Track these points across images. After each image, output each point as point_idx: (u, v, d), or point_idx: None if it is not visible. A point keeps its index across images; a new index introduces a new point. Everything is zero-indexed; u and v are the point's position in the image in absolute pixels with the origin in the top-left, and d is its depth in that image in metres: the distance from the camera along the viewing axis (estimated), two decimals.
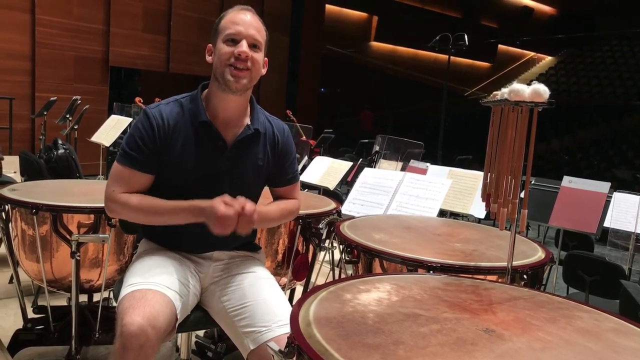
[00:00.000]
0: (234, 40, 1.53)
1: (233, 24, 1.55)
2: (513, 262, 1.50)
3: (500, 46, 21.79)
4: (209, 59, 1.61)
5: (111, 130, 5.21)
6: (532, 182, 3.39)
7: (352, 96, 16.63)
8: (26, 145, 7.89)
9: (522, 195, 1.51)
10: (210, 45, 1.61)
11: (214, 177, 1.59)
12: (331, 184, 3.93)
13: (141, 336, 1.30)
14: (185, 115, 1.59)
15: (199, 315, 1.62)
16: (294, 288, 2.51)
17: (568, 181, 3.14)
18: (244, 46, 1.52)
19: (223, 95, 1.58)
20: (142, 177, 1.56)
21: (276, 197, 1.80)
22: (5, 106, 7.41)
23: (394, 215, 2.48)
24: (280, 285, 1.70)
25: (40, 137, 6.59)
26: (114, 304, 1.71)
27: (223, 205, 1.42)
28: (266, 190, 1.81)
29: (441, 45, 8.46)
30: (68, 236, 1.98)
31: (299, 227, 2.12)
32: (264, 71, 1.64)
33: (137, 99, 7.34)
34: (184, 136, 1.57)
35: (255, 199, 1.75)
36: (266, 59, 1.64)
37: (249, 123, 1.64)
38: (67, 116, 6.25)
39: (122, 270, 2.12)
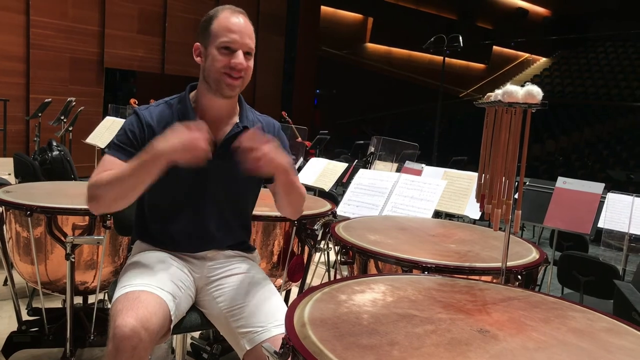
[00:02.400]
0: (228, 49, 1.52)
1: (228, 31, 1.52)
2: (507, 263, 1.51)
3: (495, 47, 21.87)
4: (198, 59, 1.59)
5: (106, 131, 5.20)
6: (527, 183, 3.40)
7: (348, 98, 16.65)
8: (20, 147, 7.86)
9: (516, 196, 1.52)
10: (199, 44, 1.58)
11: (205, 176, 1.60)
12: (326, 185, 3.93)
13: (134, 338, 1.30)
14: (173, 116, 1.59)
15: (194, 317, 1.62)
16: (290, 289, 2.51)
17: (562, 182, 3.15)
18: (240, 57, 1.52)
19: (213, 97, 1.58)
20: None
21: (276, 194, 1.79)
22: None
23: (389, 216, 2.48)
24: (275, 286, 1.70)
25: (35, 138, 6.57)
26: (109, 306, 1.70)
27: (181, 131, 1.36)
28: (265, 191, 1.81)
29: (436, 47, 8.49)
30: (63, 238, 1.98)
31: (294, 228, 2.12)
32: None
33: (132, 100, 7.32)
34: None
35: (250, 197, 1.74)
36: None
37: (238, 121, 1.64)
38: (62, 118, 6.23)
39: (117, 272, 2.11)
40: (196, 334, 2.50)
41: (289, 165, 1.50)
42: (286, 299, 2.48)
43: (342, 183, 4.84)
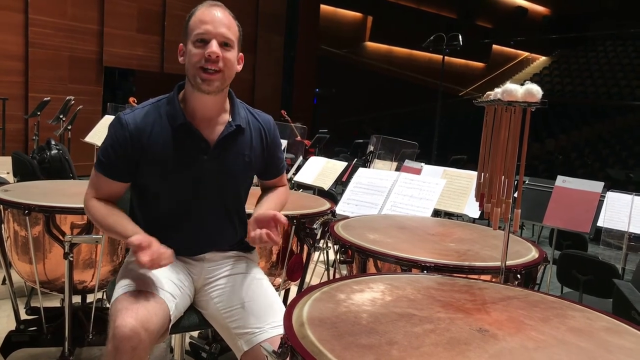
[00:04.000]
0: (203, 41, 1.48)
1: (201, 23, 1.49)
2: (507, 262, 1.51)
3: (494, 46, 21.88)
4: (181, 59, 1.56)
5: (105, 130, 5.18)
6: (526, 182, 3.40)
7: (347, 97, 16.65)
8: (19, 146, 7.85)
9: (515, 195, 1.52)
10: (182, 45, 1.56)
11: (199, 178, 1.57)
12: (326, 184, 3.93)
13: (134, 338, 1.29)
14: (162, 118, 1.55)
15: (192, 317, 1.61)
16: (289, 288, 2.51)
17: (562, 181, 3.15)
18: (213, 46, 1.47)
19: (199, 95, 1.54)
20: (112, 184, 1.56)
21: (266, 188, 1.80)
22: None
23: (388, 215, 2.48)
24: (274, 285, 1.70)
25: (34, 137, 6.57)
26: (108, 305, 1.70)
27: (143, 254, 1.39)
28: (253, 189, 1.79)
29: (435, 46, 8.49)
30: (61, 237, 1.97)
31: (293, 227, 2.12)
32: (239, 68, 1.59)
33: (131, 99, 7.31)
34: (162, 140, 1.53)
35: (243, 195, 1.71)
36: (241, 54, 1.60)
37: (230, 120, 1.61)
38: (61, 116, 6.22)
39: (116, 271, 2.11)
40: (195, 333, 2.50)
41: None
42: (285, 298, 2.47)
43: (342, 182, 4.84)
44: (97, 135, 5.23)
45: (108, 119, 5.46)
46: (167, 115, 1.56)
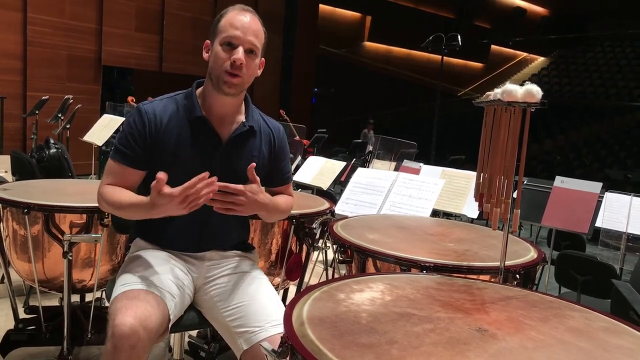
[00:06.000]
0: (230, 45, 1.53)
1: (232, 27, 1.53)
2: (506, 262, 1.51)
3: (493, 46, 21.90)
4: (205, 55, 1.60)
5: (103, 129, 5.18)
6: (525, 182, 3.40)
7: (346, 96, 16.65)
8: (18, 145, 7.85)
9: (514, 195, 1.52)
10: (209, 42, 1.60)
11: (208, 173, 1.58)
12: (325, 184, 3.93)
13: (132, 337, 1.29)
14: (179, 111, 1.59)
15: (192, 316, 1.62)
16: (288, 288, 2.51)
17: (560, 181, 3.16)
18: (240, 53, 1.52)
19: (217, 94, 1.58)
20: (131, 172, 1.57)
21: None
22: None
23: (387, 215, 2.48)
24: (273, 285, 1.70)
25: (32, 136, 6.56)
26: (107, 304, 1.70)
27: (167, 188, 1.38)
28: None
29: (434, 46, 8.49)
30: (60, 236, 1.97)
31: (293, 226, 2.12)
32: (259, 72, 1.64)
33: (130, 98, 7.31)
34: (178, 132, 1.57)
35: None
36: (263, 59, 1.65)
37: (244, 120, 1.64)
38: (59, 115, 6.22)
39: (115, 270, 2.11)
40: (194, 333, 2.50)
41: (266, 201, 1.56)
42: (284, 298, 2.47)
43: (340, 182, 4.85)
44: (96, 134, 5.22)
45: (107, 118, 5.45)
46: (185, 109, 1.60)
